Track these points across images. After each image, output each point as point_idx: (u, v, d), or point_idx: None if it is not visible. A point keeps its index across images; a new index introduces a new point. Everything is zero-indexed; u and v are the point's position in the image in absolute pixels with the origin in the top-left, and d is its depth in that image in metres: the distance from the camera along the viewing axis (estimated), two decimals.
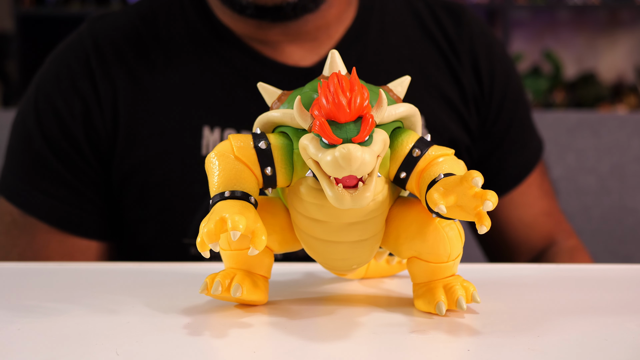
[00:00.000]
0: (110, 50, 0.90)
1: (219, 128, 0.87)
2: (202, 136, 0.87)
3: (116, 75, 0.89)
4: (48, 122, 0.88)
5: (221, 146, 0.54)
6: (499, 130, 0.99)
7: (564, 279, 0.69)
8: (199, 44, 0.91)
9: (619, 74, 3.30)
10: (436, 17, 0.97)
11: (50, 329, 0.51)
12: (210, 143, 0.87)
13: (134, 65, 0.89)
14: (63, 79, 0.89)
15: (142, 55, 0.90)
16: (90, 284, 0.64)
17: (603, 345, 0.50)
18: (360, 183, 0.48)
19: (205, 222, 0.50)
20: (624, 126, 1.56)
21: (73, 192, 0.88)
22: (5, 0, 3.10)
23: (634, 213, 1.53)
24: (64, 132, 0.88)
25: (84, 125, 0.88)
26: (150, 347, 0.48)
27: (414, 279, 0.57)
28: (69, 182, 0.88)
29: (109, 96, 0.88)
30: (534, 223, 1.02)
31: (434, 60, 0.95)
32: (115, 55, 0.89)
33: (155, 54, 0.90)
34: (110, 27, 0.91)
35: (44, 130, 0.88)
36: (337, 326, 0.53)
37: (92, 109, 0.88)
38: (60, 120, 0.88)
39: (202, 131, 0.87)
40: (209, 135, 0.87)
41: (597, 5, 3.04)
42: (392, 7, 0.97)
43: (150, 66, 0.89)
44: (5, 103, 3.12)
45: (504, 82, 0.99)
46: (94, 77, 0.88)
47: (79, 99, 0.88)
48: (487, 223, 0.49)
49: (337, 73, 0.49)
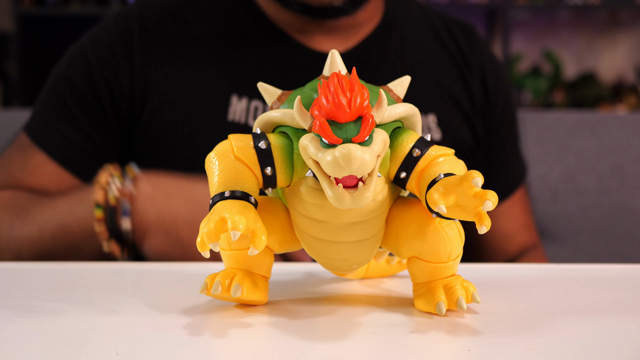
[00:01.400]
0: (152, 20, 0.99)
1: (246, 98, 0.95)
2: (229, 103, 0.94)
3: (154, 44, 0.97)
4: (77, 70, 0.97)
5: (221, 146, 0.54)
6: (498, 143, 1.07)
7: (564, 279, 0.69)
8: (234, 24, 0.99)
9: (619, 74, 3.30)
10: (449, 30, 1.07)
11: (50, 329, 0.51)
12: (237, 111, 0.94)
13: (173, 35, 0.97)
14: (101, 39, 0.98)
15: (182, 29, 0.98)
16: (90, 284, 0.64)
17: (603, 345, 0.50)
18: (360, 183, 0.48)
19: (205, 222, 0.50)
20: (624, 126, 1.56)
21: (85, 138, 0.94)
22: (5, 0, 3.10)
23: (634, 213, 1.53)
24: (89, 82, 0.95)
25: (108, 82, 0.95)
26: (150, 347, 0.48)
27: (414, 279, 0.57)
28: (84, 128, 0.95)
29: (143, 61, 0.96)
30: (512, 235, 1.10)
31: (447, 66, 1.04)
32: (157, 25, 0.98)
33: (195, 27, 0.98)
34: (157, 3, 1.01)
35: (70, 76, 0.96)
36: (337, 326, 0.53)
37: (122, 70, 0.95)
38: (89, 70, 0.96)
39: (231, 99, 0.94)
40: (236, 103, 0.94)
41: (597, 5, 3.04)
42: (412, 16, 1.06)
43: (189, 38, 0.97)
44: (5, 103, 3.12)
45: (504, 100, 1.07)
46: (131, 41, 0.97)
47: (111, 56, 0.96)
48: (487, 223, 0.49)
49: (337, 73, 0.49)
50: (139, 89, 0.95)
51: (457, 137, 1.00)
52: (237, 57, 0.97)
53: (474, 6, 3.01)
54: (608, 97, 3.11)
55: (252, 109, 0.94)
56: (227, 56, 0.96)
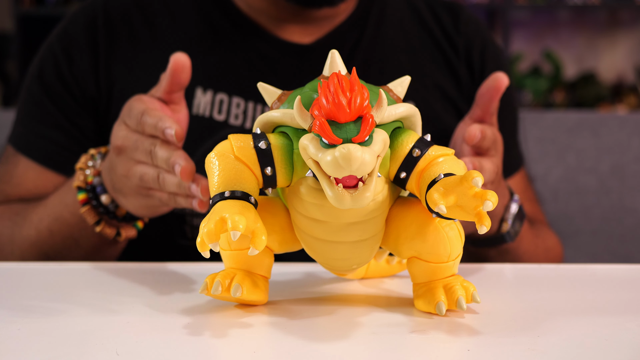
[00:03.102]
0: (118, 12, 0.96)
1: (211, 90, 0.93)
2: (194, 96, 0.92)
3: (119, 37, 0.95)
4: (47, 68, 0.95)
5: (221, 146, 0.54)
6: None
7: (564, 279, 0.69)
8: (201, 13, 0.96)
9: (619, 74, 3.30)
10: (435, 13, 1.03)
11: (50, 329, 0.51)
12: (202, 104, 0.92)
13: (138, 28, 0.96)
14: (67, 33, 0.96)
15: (147, 21, 0.96)
16: (90, 284, 0.64)
17: (603, 345, 0.50)
18: (360, 183, 0.48)
19: (205, 222, 0.50)
20: (624, 126, 1.56)
21: (65, 135, 0.93)
22: (5, 0, 3.10)
23: (634, 213, 1.53)
24: (59, 78, 0.94)
25: (76, 77, 0.94)
26: (150, 347, 0.48)
27: (414, 279, 0.57)
28: (62, 125, 0.93)
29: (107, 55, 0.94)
30: None
31: (430, 52, 1.00)
32: (122, 17, 0.96)
33: (162, 18, 0.96)
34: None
35: (41, 75, 0.95)
36: (337, 326, 0.53)
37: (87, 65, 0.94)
38: (57, 66, 0.94)
39: (195, 92, 0.92)
40: (201, 96, 0.92)
41: (597, 5, 3.04)
42: (392, 3, 1.02)
43: (155, 30, 0.96)
44: (5, 103, 3.12)
45: None
46: (96, 34, 0.95)
47: (77, 51, 0.94)
48: (487, 223, 0.49)
49: (337, 73, 0.49)
50: (104, 83, 0.94)
51: (439, 122, 0.97)
52: (203, 49, 0.95)
53: (474, 6, 3.01)
54: (608, 97, 3.11)
55: (217, 101, 0.92)
56: (193, 48, 0.93)
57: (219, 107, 0.92)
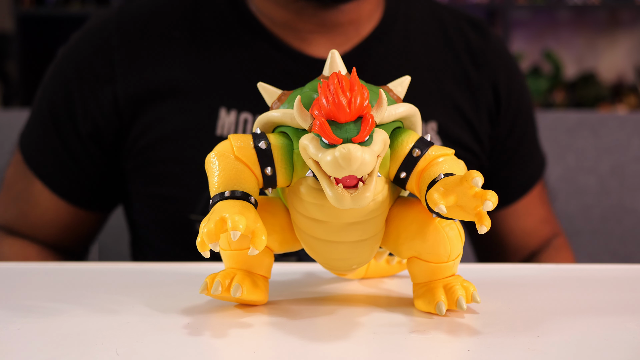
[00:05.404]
0: (133, 28, 0.93)
1: (235, 110, 0.90)
2: (218, 117, 0.90)
3: (137, 55, 0.92)
4: (57, 93, 0.93)
5: (221, 146, 0.54)
6: (511, 144, 1.02)
7: (564, 279, 0.69)
8: (224, 29, 0.93)
9: (619, 74, 3.30)
10: (460, 28, 1.00)
11: (50, 329, 0.51)
12: (226, 124, 0.90)
13: (157, 43, 0.93)
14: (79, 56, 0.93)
15: (165, 34, 0.93)
16: (90, 284, 0.64)
17: (603, 345, 0.50)
18: (360, 183, 0.48)
19: (205, 222, 0.50)
20: (624, 126, 1.56)
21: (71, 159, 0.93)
22: (5, 0, 3.10)
23: (634, 213, 1.53)
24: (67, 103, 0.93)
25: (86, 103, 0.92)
26: (150, 347, 0.48)
27: (414, 279, 0.57)
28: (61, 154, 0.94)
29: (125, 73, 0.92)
30: (533, 230, 1.06)
31: (451, 69, 0.98)
32: (141, 33, 0.93)
33: (181, 32, 0.93)
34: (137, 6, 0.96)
35: (52, 100, 0.94)
36: (337, 326, 0.53)
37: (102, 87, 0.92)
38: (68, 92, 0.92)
39: (219, 112, 0.90)
40: (225, 116, 0.90)
41: (597, 5, 3.04)
42: (417, 14, 1.00)
43: (174, 45, 0.93)
44: (5, 103, 3.12)
45: (518, 99, 1.02)
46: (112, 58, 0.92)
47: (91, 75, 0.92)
48: (487, 223, 0.49)
49: (337, 73, 0.49)
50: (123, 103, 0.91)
51: (459, 145, 0.96)
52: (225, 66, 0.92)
53: (474, 6, 3.00)
54: (608, 97, 3.11)
55: (242, 121, 0.90)
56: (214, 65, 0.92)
57: (243, 126, 0.90)
